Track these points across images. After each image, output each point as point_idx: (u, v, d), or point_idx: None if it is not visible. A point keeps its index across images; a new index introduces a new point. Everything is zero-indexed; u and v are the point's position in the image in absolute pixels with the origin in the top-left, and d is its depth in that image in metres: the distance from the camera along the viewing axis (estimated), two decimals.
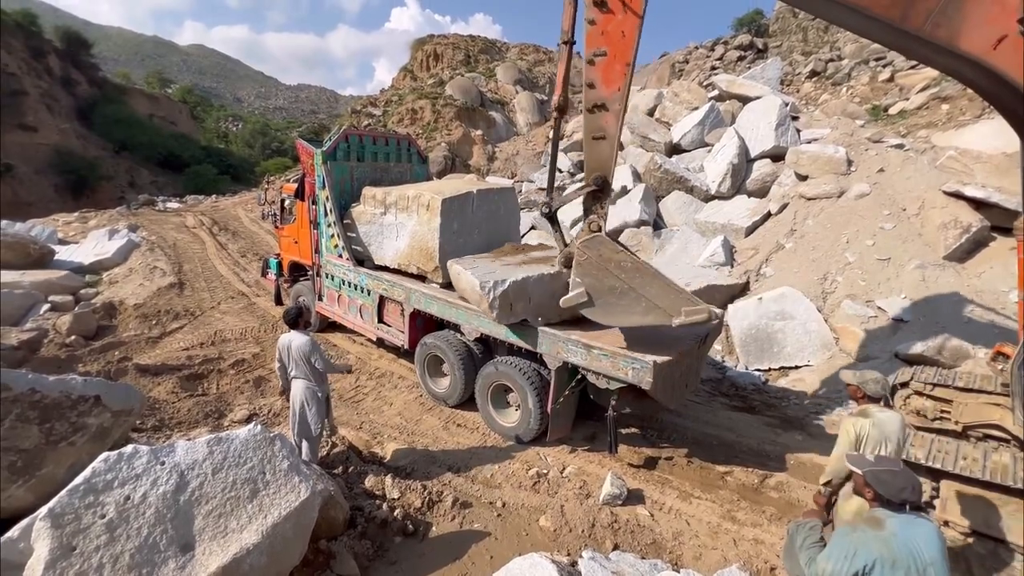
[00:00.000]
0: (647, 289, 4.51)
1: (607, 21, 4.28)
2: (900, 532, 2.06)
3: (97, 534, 2.42)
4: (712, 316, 4.52)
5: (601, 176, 4.73)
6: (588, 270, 4.64)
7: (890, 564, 1.99)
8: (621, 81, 4.42)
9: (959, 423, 4.52)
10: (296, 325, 4.52)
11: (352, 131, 7.84)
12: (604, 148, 4.67)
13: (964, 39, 3.28)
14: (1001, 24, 3.13)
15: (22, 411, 3.11)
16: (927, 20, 3.34)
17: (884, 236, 8.43)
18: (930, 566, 2.02)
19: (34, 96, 38.97)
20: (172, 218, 21.27)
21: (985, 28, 3.19)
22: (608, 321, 4.71)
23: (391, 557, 3.63)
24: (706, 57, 27.25)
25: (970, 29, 3.25)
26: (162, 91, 68.85)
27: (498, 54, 48.51)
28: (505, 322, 5.11)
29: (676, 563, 3.74)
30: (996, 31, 3.15)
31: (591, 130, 4.69)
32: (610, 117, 4.55)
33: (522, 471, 4.88)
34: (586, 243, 4.64)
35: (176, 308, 9.81)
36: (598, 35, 4.37)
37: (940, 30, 3.32)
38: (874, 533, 2.06)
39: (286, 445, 3.23)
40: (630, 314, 4.58)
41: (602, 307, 4.63)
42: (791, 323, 7.49)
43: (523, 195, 17.26)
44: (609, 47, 4.37)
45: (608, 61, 4.41)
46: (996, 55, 3.19)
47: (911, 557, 2.00)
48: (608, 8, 4.22)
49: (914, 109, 12.99)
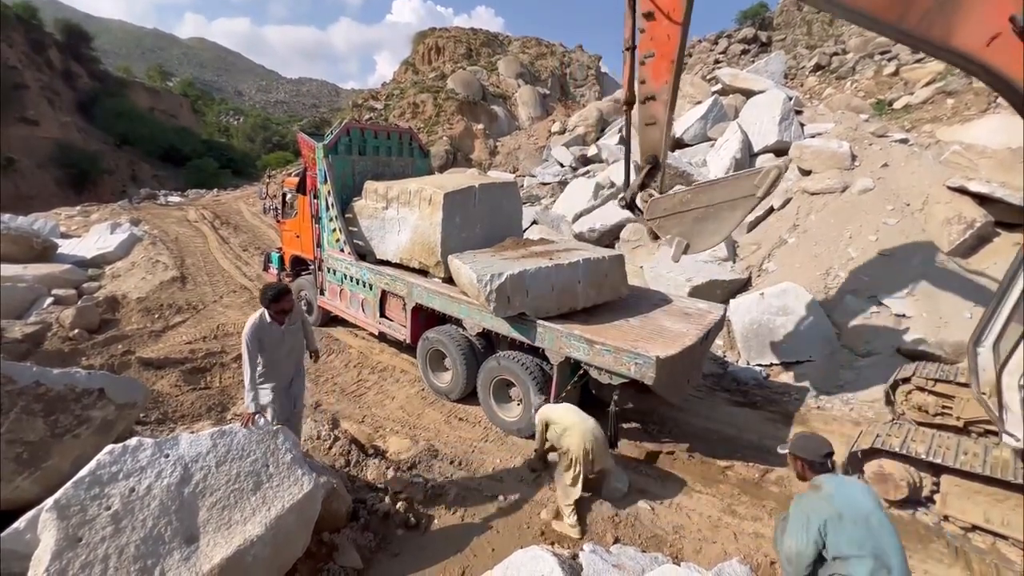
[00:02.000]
0: (718, 196, 5.24)
1: (654, 28, 5.17)
2: (837, 491, 2.35)
3: (103, 525, 2.44)
4: (782, 169, 5.20)
5: (653, 155, 5.80)
6: (666, 224, 5.54)
7: (837, 518, 2.24)
8: (668, 76, 5.30)
9: (960, 418, 4.53)
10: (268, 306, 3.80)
11: (354, 125, 7.80)
12: (655, 132, 5.65)
13: (958, 37, 3.41)
14: (994, 22, 3.22)
15: (27, 404, 3.13)
16: (922, 19, 3.49)
17: (887, 231, 8.39)
18: (871, 514, 2.27)
19: (35, 89, 38.93)
20: (174, 212, 21.28)
21: (978, 26, 3.30)
22: (717, 237, 5.40)
23: (393, 549, 3.65)
24: (709, 51, 27.08)
25: (964, 27, 3.38)
26: (163, 84, 68.82)
27: (500, 47, 48.26)
28: (503, 315, 5.13)
29: (677, 556, 3.76)
30: (989, 29, 3.26)
31: (644, 118, 5.65)
32: (659, 106, 5.48)
33: (523, 465, 4.90)
34: (649, 210, 5.71)
35: (178, 302, 9.83)
36: (648, 40, 5.28)
37: (935, 29, 3.48)
38: (817, 497, 2.36)
39: (289, 438, 3.25)
40: (724, 223, 5.27)
41: (701, 234, 5.40)
42: (793, 318, 7.48)
43: (525, 189, 17.21)
44: (656, 49, 5.26)
45: (656, 60, 5.31)
46: (989, 52, 3.31)
47: (852, 508, 2.27)
48: (654, 18, 5.12)
49: (919, 104, 12.91)
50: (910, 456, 4.13)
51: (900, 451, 4.15)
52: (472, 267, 5.24)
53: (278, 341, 3.84)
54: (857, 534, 2.21)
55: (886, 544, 2.20)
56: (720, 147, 12.48)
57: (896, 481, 4.20)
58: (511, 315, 5.12)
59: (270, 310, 3.77)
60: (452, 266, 5.72)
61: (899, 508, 4.27)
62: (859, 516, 2.24)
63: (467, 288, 5.43)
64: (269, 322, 3.78)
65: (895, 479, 4.21)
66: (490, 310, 5.08)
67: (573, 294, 5.38)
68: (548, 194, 16.60)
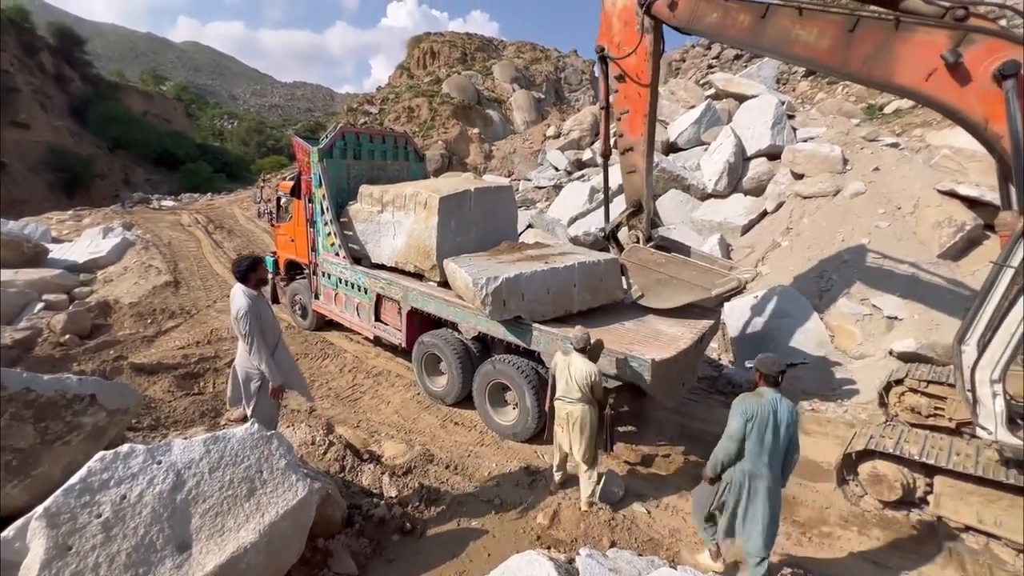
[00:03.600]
0: (682, 274, 5.73)
1: (626, 88, 5.87)
2: (769, 400, 3.14)
3: (93, 533, 2.41)
4: (742, 284, 5.53)
5: (636, 199, 6.39)
6: (635, 272, 6.03)
7: (760, 416, 3.10)
8: (643, 128, 5.90)
9: (953, 420, 4.57)
10: (245, 280, 3.74)
11: (348, 129, 7.80)
12: (636, 179, 6.25)
13: (898, 76, 3.91)
14: (928, 61, 3.72)
15: (17, 410, 3.09)
16: (864, 64, 4.02)
17: (879, 234, 8.47)
18: (785, 425, 3.12)
19: (27, 93, 38.68)
20: (167, 216, 21.17)
21: (915, 66, 3.80)
22: (662, 305, 5.73)
23: (389, 555, 3.63)
24: (703, 55, 27.29)
25: (902, 68, 3.88)
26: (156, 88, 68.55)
27: (495, 52, 48.46)
28: (498, 319, 5.13)
29: (673, 560, 3.76)
30: (925, 67, 3.75)
31: (625, 167, 6.30)
32: (637, 156, 6.10)
33: (519, 469, 4.89)
34: (627, 253, 6.26)
35: (171, 307, 9.76)
36: (622, 99, 5.95)
37: (876, 71, 3.99)
38: (755, 398, 3.19)
39: (283, 444, 3.22)
40: (676, 296, 5.66)
41: (654, 295, 5.82)
42: (787, 321, 7.52)
43: (520, 193, 17.23)
44: (631, 106, 5.89)
45: (631, 116, 5.94)
46: (929, 86, 3.78)
47: (773, 415, 3.10)
48: (625, 80, 5.83)
49: (909, 108, 13.05)
50: (903, 457, 4.15)
51: (893, 452, 4.18)
52: (467, 270, 5.24)
53: (265, 310, 3.86)
54: (765, 431, 3.10)
55: (779, 447, 3.14)
56: (714, 151, 12.56)
57: (890, 482, 4.23)
58: (506, 319, 5.12)
59: (249, 281, 3.76)
60: (448, 270, 5.71)
61: (893, 509, 4.30)
62: (774, 422, 3.10)
63: (462, 292, 5.42)
64: (256, 294, 3.79)
65: (889, 480, 4.23)
66: (485, 313, 5.07)
67: (568, 297, 5.39)
68: (543, 198, 16.65)
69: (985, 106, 3.56)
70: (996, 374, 3.52)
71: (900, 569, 3.80)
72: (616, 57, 5.75)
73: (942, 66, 3.63)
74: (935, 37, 3.68)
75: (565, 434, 4.21)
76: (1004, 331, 3.47)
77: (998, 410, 3.54)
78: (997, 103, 3.47)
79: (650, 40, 5.49)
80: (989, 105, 3.54)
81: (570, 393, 4.10)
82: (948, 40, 3.63)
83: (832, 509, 4.44)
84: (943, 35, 3.65)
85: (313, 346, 8.08)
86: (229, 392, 4.05)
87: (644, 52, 5.58)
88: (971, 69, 3.56)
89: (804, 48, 4.30)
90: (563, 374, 4.14)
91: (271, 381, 3.80)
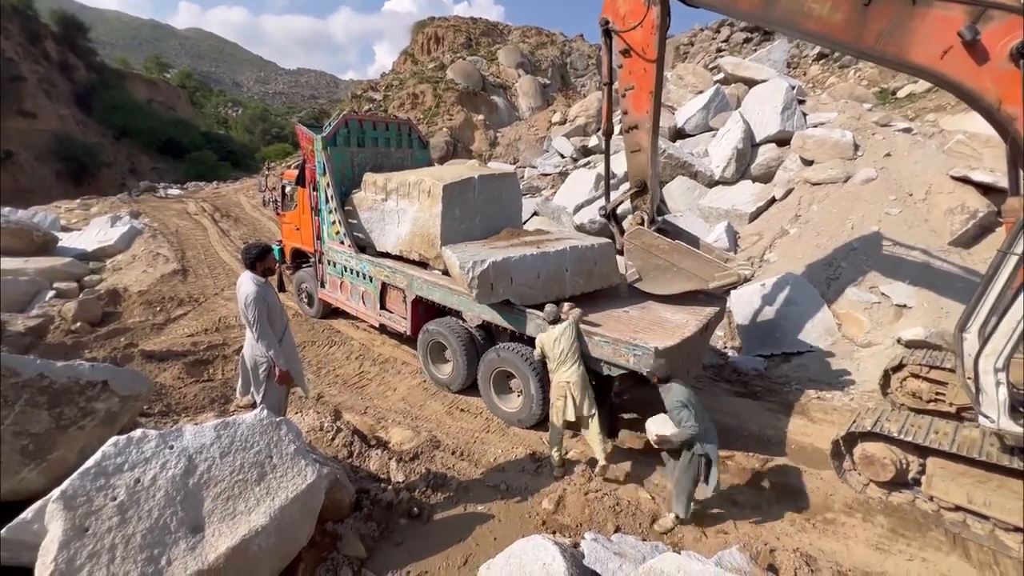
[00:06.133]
0: (684, 263, 5.63)
1: (631, 63, 5.58)
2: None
3: (109, 515, 2.46)
4: (741, 278, 5.49)
5: (641, 180, 6.06)
6: (636, 255, 5.95)
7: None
8: (648, 106, 5.66)
9: (953, 404, 4.59)
10: (254, 267, 3.79)
11: (352, 116, 7.76)
12: (641, 158, 5.97)
13: (913, 53, 3.77)
14: (944, 38, 3.60)
15: (32, 396, 3.15)
16: (878, 40, 3.88)
17: (890, 221, 8.36)
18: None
19: (32, 82, 38.64)
20: (173, 205, 21.25)
21: (930, 42, 3.68)
22: (658, 291, 5.78)
23: (396, 539, 3.69)
24: (712, 39, 26.76)
25: (917, 45, 3.74)
26: (161, 76, 68.26)
27: (500, 37, 47.75)
28: (485, 302, 5.19)
29: (677, 545, 3.79)
30: (941, 44, 3.63)
31: (629, 146, 6.02)
32: (642, 134, 5.84)
33: (525, 455, 4.94)
34: (631, 235, 6.03)
35: (180, 295, 9.85)
36: (627, 75, 5.67)
37: (890, 47, 3.86)
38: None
39: (292, 430, 3.26)
40: (674, 284, 5.67)
41: (652, 280, 5.84)
42: (794, 309, 7.48)
43: (525, 180, 17.13)
44: (636, 82, 5.64)
45: (636, 92, 5.70)
46: (944, 64, 3.65)
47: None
48: (631, 55, 5.53)
49: (922, 92, 12.78)
50: (899, 439, 4.16)
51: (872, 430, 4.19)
52: (458, 256, 5.25)
53: (272, 297, 3.91)
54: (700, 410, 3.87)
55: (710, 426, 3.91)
56: (722, 137, 12.39)
57: (881, 462, 4.24)
58: (494, 302, 5.17)
59: (257, 269, 3.81)
60: (444, 256, 5.72)
61: (896, 494, 4.30)
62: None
63: (455, 277, 5.44)
64: (264, 281, 3.83)
65: (880, 460, 4.24)
66: (472, 296, 5.10)
67: (560, 282, 5.39)
68: (549, 185, 16.54)
69: (999, 86, 3.48)
70: (1000, 363, 3.52)
71: (904, 555, 3.82)
72: (621, 30, 5.48)
73: (958, 43, 3.52)
74: (953, 13, 3.56)
75: (569, 402, 4.43)
76: (1009, 320, 3.46)
77: (1001, 398, 3.55)
78: (1012, 83, 3.38)
79: (657, 12, 5.23)
80: (1003, 85, 3.45)
81: (565, 361, 4.42)
82: (966, 16, 3.51)
83: (836, 496, 4.46)
84: (961, 11, 3.53)
85: (320, 334, 8.15)
86: (239, 382, 4.11)
87: (651, 25, 5.31)
88: (989, 47, 3.45)
89: (816, 22, 4.12)
90: (552, 349, 4.48)
91: (278, 367, 3.85)
